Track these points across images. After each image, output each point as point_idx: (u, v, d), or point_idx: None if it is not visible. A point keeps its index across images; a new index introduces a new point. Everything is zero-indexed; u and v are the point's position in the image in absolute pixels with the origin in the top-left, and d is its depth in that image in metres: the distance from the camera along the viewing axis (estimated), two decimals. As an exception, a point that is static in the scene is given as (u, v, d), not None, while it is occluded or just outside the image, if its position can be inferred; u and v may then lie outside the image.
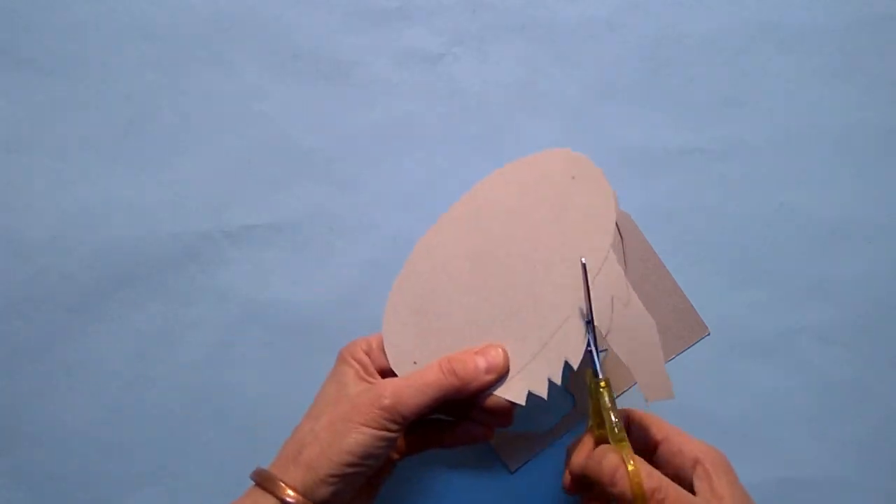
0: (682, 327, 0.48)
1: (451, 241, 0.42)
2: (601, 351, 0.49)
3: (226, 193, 0.50)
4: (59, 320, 0.49)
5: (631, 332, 0.39)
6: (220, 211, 0.50)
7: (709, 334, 0.49)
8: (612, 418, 0.37)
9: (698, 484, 0.36)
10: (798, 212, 0.49)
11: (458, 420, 0.42)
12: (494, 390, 0.40)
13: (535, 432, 0.48)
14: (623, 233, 0.49)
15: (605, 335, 0.39)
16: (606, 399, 0.38)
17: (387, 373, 0.42)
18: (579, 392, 0.48)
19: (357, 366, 0.41)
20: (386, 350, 0.41)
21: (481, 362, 0.39)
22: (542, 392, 0.39)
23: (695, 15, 0.51)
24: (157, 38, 0.51)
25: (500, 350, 0.40)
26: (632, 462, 0.35)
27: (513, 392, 0.40)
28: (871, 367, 0.48)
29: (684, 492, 0.35)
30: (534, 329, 0.40)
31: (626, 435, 0.37)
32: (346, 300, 0.49)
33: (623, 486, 0.35)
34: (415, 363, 0.41)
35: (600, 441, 0.38)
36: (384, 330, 0.42)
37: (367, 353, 0.42)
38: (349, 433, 0.37)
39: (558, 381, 0.39)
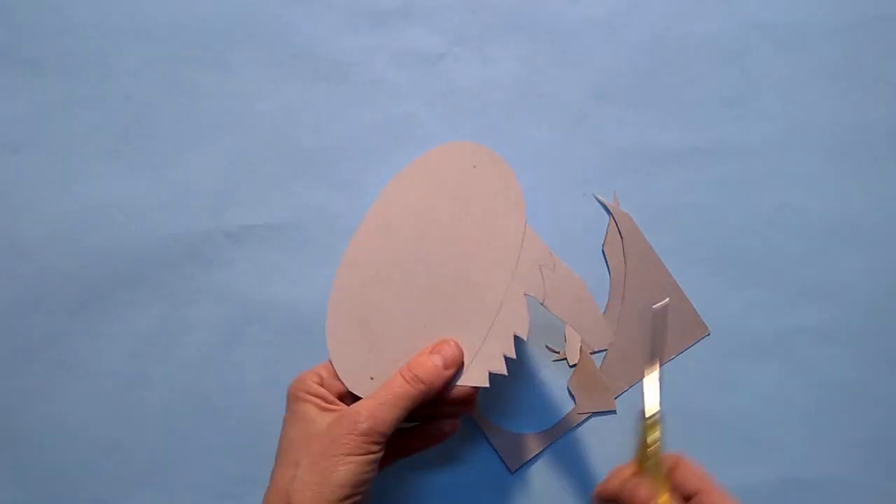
0: (682, 327, 0.48)
1: (372, 254, 0.42)
2: (599, 351, 0.49)
3: (226, 193, 0.50)
4: (59, 320, 0.49)
5: (562, 292, 0.41)
6: (220, 211, 0.50)
7: (709, 334, 0.49)
8: (654, 454, 0.39)
9: None
10: (798, 212, 0.49)
11: (422, 423, 0.43)
12: (456, 382, 0.41)
13: (535, 432, 0.48)
14: (623, 233, 0.49)
15: (543, 301, 0.41)
16: (656, 435, 0.39)
17: (346, 397, 0.41)
18: (580, 392, 0.48)
19: (315, 399, 0.40)
20: (339, 375, 0.41)
21: (438, 360, 0.40)
22: (502, 369, 0.41)
23: (695, 15, 0.51)
24: (157, 38, 0.51)
25: (451, 343, 0.41)
26: (666, 495, 0.36)
27: (474, 378, 0.41)
28: (871, 367, 0.48)
29: None
30: (476, 313, 0.41)
31: (664, 473, 0.38)
32: (346, 300, 0.49)
33: None
34: (372, 379, 0.41)
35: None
36: (331, 355, 0.42)
37: (321, 384, 0.41)
38: (336, 468, 0.37)
39: (512, 354, 0.41)
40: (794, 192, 0.49)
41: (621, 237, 0.49)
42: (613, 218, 0.49)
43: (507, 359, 0.41)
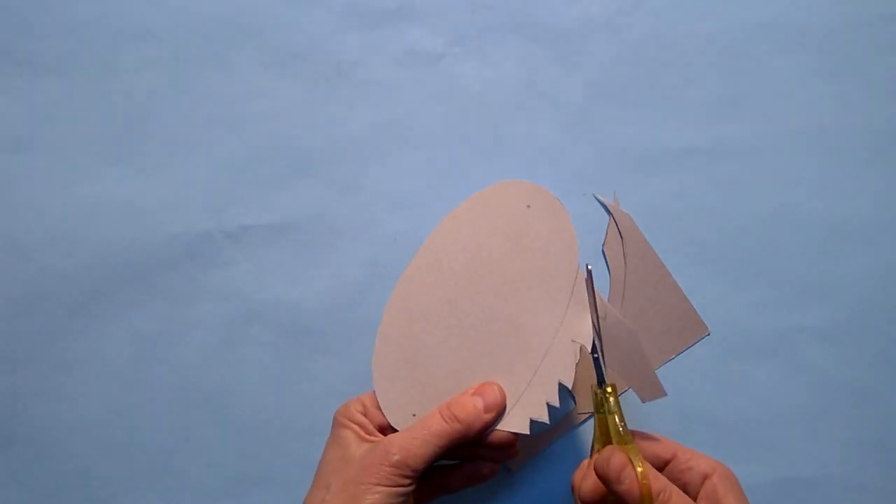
0: (682, 327, 0.48)
1: (422, 292, 0.42)
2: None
3: (226, 193, 0.50)
4: (59, 320, 0.49)
5: (614, 342, 0.40)
6: (220, 211, 0.50)
7: (709, 334, 0.49)
8: (619, 422, 0.38)
9: (703, 499, 0.36)
10: (798, 212, 0.49)
11: (463, 462, 0.42)
12: (496, 426, 0.40)
13: (535, 432, 0.48)
14: (623, 233, 0.49)
15: (592, 351, 0.40)
16: (612, 403, 0.38)
17: (386, 429, 0.42)
18: (580, 393, 0.48)
19: (356, 427, 0.40)
20: (383, 409, 0.41)
21: (479, 402, 0.40)
22: (544, 417, 0.40)
23: (695, 15, 0.51)
24: (157, 38, 0.51)
25: (495, 387, 0.40)
26: (640, 464, 0.35)
27: (515, 423, 0.41)
28: (871, 367, 0.48)
29: (688, 497, 0.35)
30: (521, 358, 0.41)
31: (632, 438, 0.37)
32: (346, 300, 0.49)
33: (631, 483, 0.35)
34: (414, 415, 0.41)
35: None
36: (377, 390, 0.42)
37: (364, 413, 0.41)
38: (364, 495, 0.37)
39: (556, 403, 0.40)
40: (794, 192, 0.49)
41: (621, 237, 0.49)
42: (613, 218, 0.49)
43: (549, 406, 0.40)
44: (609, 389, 0.39)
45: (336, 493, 0.38)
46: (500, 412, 0.40)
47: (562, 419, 0.48)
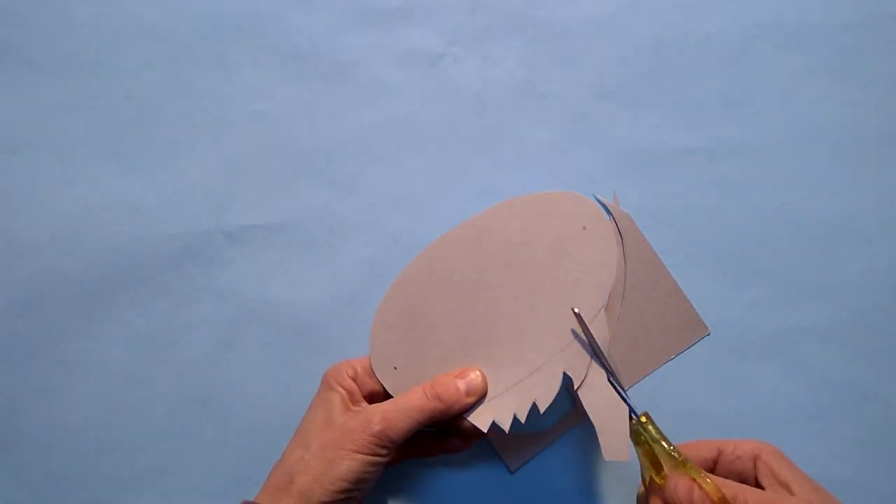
0: (682, 327, 0.48)
1: (451, 259, 0.43)
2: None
3: (226, 193, 0.50)
4: (59, 320, 0.49)
5: (600, 391, 0.40)
6: (220, 211, 0.50)
7: (709, 334, 0.49)
8: (667, 445, 0.37)
9: (763, 479, 0.36)
10: (798, 212, 0.49)
11: (439, 432, 0.44)
12: (473, 411, 0.42)
13: (535, 432, 0.48)
14: (623, 233, 0.49)
15: (576, 388, 0.40)
16: (653, 431, 0.38)
17: (373, 397, 0.43)
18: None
19: (343, 392, 0.42)
20: (371, 352, 0.42)
21: (462, 385, 0.41)
22: (505, 425, 0.41)
23: (695, 15, 0.51)
24: (157, 38, 0.51)
25: (478, 373, 0.42)
26: (707, 479, 0.35)
27: (479, 418, 0.41)
28: (871, 367, 0.48)
29: (758, 491, 0.35)
30: (512, 364, 0.41)
31: (687, 457, 0.37)
32: (346, 300, 0.49)
33: (704, 502, 0.34)
34: (395, 368, 0.42)
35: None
36: (373, 331, 0.43)
37: (354, 379, 0.43)
38: (341, 460, 0.38)
39: (522, 419, 0.41)
40: (794, 192, 0.49)
41: (621, 237, 0.49)
42: (613, 218, 0.49)
43: (515, 418, 0.41)
44: (644, 419, 0.38)
45: (315, 454, 0.39)
46: (481, 397, 0.41)
47: (562, 419, 0.48)
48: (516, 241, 0.42)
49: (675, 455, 0.37)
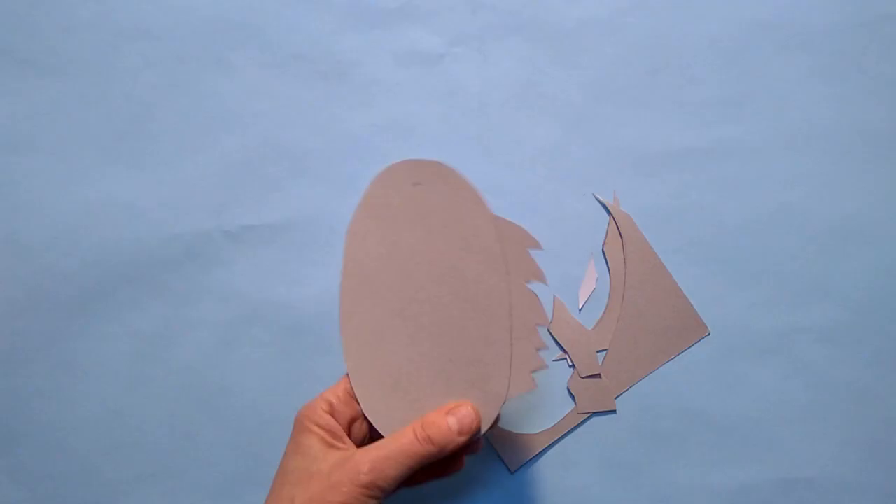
0: (682, 327, 0.48)
1: (367, 317, 0.40)
2: (601, 350, 0.49)
3: (226, 193, 0.50)
4: (59, 320, 0.49)
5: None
6: (220, 211, 0.50)
7: (709, 334, 0.49)
8: None
9: None
10: (798, 212, 0.49)
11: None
12: (484, 430, 0.39)
13: (535, 432, 0.48)
14: (623, 233, 0.49)
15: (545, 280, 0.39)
16: None
17: (354, 423, 0.40)
18: (580, 392, 0.48)
19: (321, 432, 0.38)
20: (380, 431, 0.40)
21: (453, 423, 0.38)
22: (543, 364, 0.39)
23: (695, 15, 0.51)
24: (157, 38, 0.51)
25: (469, 406, 0.39)
26: None
27: (520, 385, 0.39)
28: (871, 367, 0.48)
29: None
30: (492, 323, 0.39)
31: None
32: (346, 300, 0.49)
33: None
34: (376, 388, 0.40)
35: None
36: (368, 417, 0.40)
37: (331, 412, 0.39)
38: None
39: (544, 346, 0.39)
40: (794, 192, 0.49)
41: (621, 237, 0.49)
42: (613, 218, 0.49)
43: (539, 350, 0.39)
44: None
45: None
46: (474, 435, 0.39)
47: (562, 419, 0.48)
48: (387, 245, 0.40)
49: None
